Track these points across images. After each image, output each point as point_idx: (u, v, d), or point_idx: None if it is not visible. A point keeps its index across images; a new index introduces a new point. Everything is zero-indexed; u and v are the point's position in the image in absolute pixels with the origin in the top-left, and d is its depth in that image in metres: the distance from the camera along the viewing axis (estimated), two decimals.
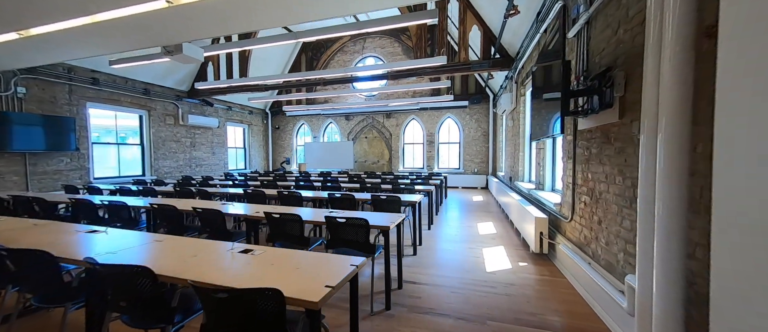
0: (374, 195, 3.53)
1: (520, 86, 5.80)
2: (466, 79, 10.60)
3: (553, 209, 3.45)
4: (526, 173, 5.74)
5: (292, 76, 6.92)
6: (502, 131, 8.95)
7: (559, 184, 4.05)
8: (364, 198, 3.66)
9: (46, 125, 6.01)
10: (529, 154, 5.64)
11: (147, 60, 5.64)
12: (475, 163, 10.77)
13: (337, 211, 2.79)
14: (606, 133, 2.22)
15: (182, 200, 3.56)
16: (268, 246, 1.75)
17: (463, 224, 5.09)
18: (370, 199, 3.56)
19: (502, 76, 7.92)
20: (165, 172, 8.64)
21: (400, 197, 3.52)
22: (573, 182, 2.87)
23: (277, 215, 2.44)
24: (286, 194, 3.87)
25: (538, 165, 4.51)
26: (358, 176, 7.73)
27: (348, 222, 2.25)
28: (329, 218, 2.31)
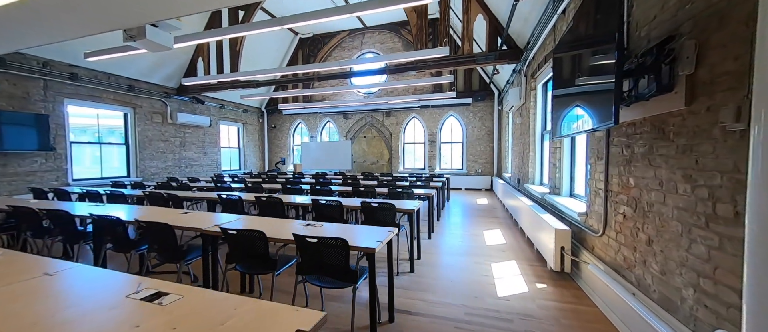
0: (365, 202, 3.01)
1: (531, 79, 5.26)
2: (470, 75, 10.06)
3: (576, 220, 2.92)
4: (536, 175, 5.20)
5: (285, 71, 6.43)
6: (508, 130, 8.41)
7: (579, 189, 3.51)
8: (353, 206, 3.15)
9: (16, 122, 5.57)
10: (541, 154, 5.11)
11: (123, 52, 5.21)
12: (479, 163, 10.22)
13: (314, 226, 2.28)
14: (660, 126, 1.69)
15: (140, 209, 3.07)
16: (195, 287, 1.24)
17: (467, 232, 4.57)
18: (361, 206, 3.05)
19: (508, 71, 7.38)
20: (152, 173, 8.19)
21: (395, 204, 3.01)
22: (606, 189, 2.34)
23: (234, 231, 1.93)
24: (265, 199, 3.37)
25: (552, 167, 3.98)
26: (354, 177, 7.22)
27: (321, 242, 1.74)
28: (299, 236, 1.79)
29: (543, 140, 5.06)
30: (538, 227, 3.42)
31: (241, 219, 2.36)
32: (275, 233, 2.01)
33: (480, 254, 3.57)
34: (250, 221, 2.32)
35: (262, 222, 2.31)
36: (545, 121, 5.02)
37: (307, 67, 6.38)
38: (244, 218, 2.45)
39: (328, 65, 6.09)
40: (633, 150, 1.99)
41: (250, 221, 2.34)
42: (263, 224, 2.26)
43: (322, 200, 3.14)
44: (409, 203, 3.25)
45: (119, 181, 6.17)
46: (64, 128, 6.43)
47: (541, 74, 4.80)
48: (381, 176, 7.72)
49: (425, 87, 10.48)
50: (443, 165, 10.86)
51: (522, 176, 5.91)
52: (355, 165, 11.64)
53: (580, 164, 3.50)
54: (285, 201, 3.41)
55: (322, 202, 3.14)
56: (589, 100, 1.91)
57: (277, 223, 2.33)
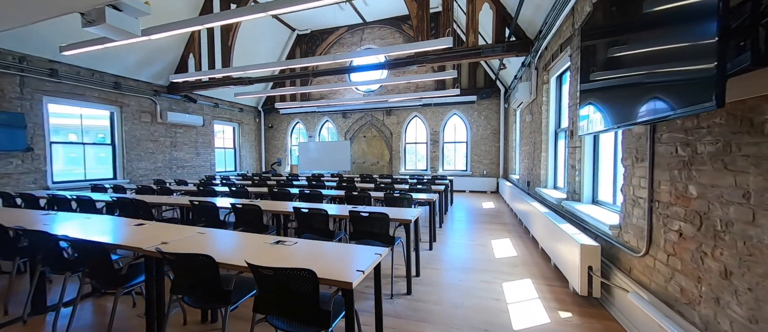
0: (354, 212, 2.56)
1: (542, 71, 4.78)
2: (474, 71, 9.58)
3: (605, 234, 2.44)
4: (549, 178, 4.72)
5: (280, 66, 6.00)
6: (515, 129, 7.92)
7: (605, 195, 3.03)
8: (341, 215, 2.70)
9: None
10: (554, 154, 4.62)
11: (100, 44, 4.83)
12: (484, 164, 9.73)
13: (284, 244, 1.84)
14: (748, 115, 1.22)
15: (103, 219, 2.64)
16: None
17: (473, 242, 4.10)
18: (349, 216, 2.60)
19: (516, 66, 6.90)
20: (140, 175, 7.82)
21: (389, 213, 2.56)
22: (650, 198, 1.86)
23: (172, 256, 1.49)
24: (241, 207, 2.94)
25: (570, 169, 3.50)
26: (351, 179, 6.78)
27: (281, 274, 1.30)
28: (253, 266, 1.35)
29: (557, 138, 4.57)
30: (556, 239, 2.95)
31: (192, 237, 1.92)
32: (228, 256, 1.57)
33: (488, 269, 3.10)
34: (201, 240, 1.88)
35: (217, 240, 1.87)
36: (559, 117, 4.54)
37: (302, 62, 5.95)
38: (198, 234, 2.00)
39: (324, 59, 5.65)
40: (694, 150, 1.51)
41: (203, 239, 1.90)
42: (219, 243, 1.82)
43: (304, 209, 2.70)
44: (408, 211, 2.80)
45: (100, 184, 5.78)
46: (43, 128, 6.06)
47: (555, 66, 4.32)
48: (380, 178, 7.27)
49: (427, 84, 10.03)
50: (446, 166, 10.38)
51: (532, 179, 5.43)
52: (355, 166, 11.20)
53: (606, 167, 3.02)
54: (266, 209, 2.97)
55: (304, 211, 2.70)
56: (658, 78, 1.41)
57: (239, 240, 1.89)
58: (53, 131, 6.35)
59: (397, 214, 2.68)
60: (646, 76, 1.49)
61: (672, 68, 1.27)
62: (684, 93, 1.19)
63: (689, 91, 1.15)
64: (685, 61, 1.18)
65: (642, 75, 1.53)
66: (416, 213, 2.73)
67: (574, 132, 3.41)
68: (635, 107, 1.55)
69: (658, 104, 1.36)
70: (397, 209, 2.99)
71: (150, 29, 4.36)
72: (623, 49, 1.73)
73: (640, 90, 1.52)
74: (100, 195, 4.32)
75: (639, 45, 1.56)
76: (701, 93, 1.05)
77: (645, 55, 1.50)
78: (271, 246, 1.77)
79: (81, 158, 6.87)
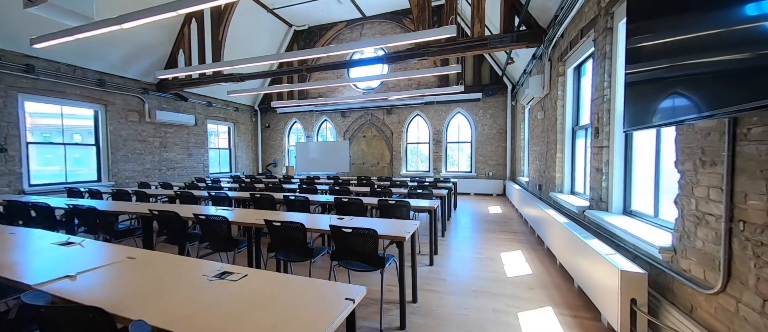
0: (335, 227, 2.08)
1: (557, 63, 4.27)
2: (479, 67, 9.06)
3: (653, 257, 1.93)
4: (565, 182, 4.20)
5: (272, 59, 5.55)
6: (523, 128, 7.39)
7: (641, 204, 2.52)
8: (319, 230, 2.23)
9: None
10: (572, 155, 4.11)
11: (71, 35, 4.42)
12: (490, 166, 9.20)
13: (230, 279, 1.36)
14: None
15: None
16: None
17: (480, 255, 3.60)
18: (330, 230, 2.12)
19: (525, 59, 6.38)
20: (127, 176, 7.43)
21: (381, 227, 2.08)
22: (730, 216, 1.36)
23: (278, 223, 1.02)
24: (204, 218, 2.48)
25: (595, 172, 2.99)
26: (347, 182, 6.31)
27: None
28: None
29: (574, 137, 4.06)
30: (581, 256, 2.45)
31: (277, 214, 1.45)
32: None
33: (500, 292, 2.60)
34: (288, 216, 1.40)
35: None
36: (578, 113, 4.02)
37: (298, 54, 5.50)
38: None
39: (319, 51, 5.20)
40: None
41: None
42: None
43: (276, 223, 2.22)
44: (403, 225, 2.31)
45: (76, 187, 5.38)
46: (18, 127, 5.69)
47: (573, 55, 3.81)
48: (378, 180, 6.80)
49: (430, 81, 9.53)
50: (450, 168, 9.87)
51: (545, 182, 4.91)
52: (354, 167, 10.74)
53: (644, 171, 2.51)
54: (236, 220, 2.51)
55: (277, 224, 2.23)
56: None
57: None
58: (31, 131, 5.99)
59: (390, 228, 2.20)
60: (745, 52, 0.99)
61: None
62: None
63: None
64: None
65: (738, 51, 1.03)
66: (413, 227, 2.25)
67: (599, 130, 2.91)
68: (715, 92, 1.05)
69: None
70: (391, 221, 2.51)
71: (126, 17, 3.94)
72: (702, 21, 1.23)
73: (727, 72, 1.02)
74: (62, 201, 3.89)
75: (730, 15, 1.06)
76: None
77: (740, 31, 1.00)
78: (200, 286, 1.28)
79: (61, 159, 6.50)
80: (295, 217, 2.60)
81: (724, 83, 1.10)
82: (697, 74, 1.24)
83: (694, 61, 1.26)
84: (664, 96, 1.42)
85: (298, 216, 2.66)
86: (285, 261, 2.33)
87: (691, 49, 1.27)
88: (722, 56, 1.11)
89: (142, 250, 1.73)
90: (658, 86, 1.48)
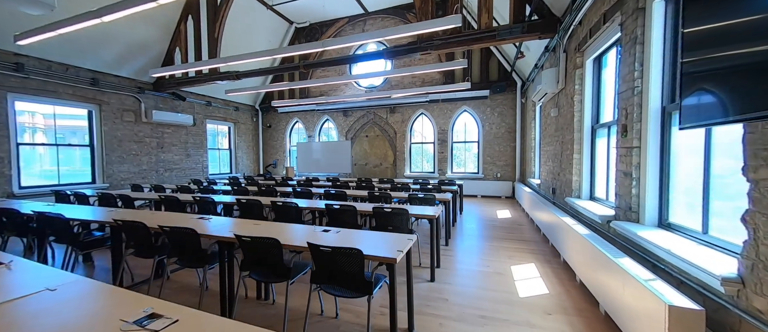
0: (313, 246, 1.74)
1: (575, 54, 3.85)
2: (487, 62, 8.62)
3: (715, 290, 1.54)
4: (583, 186, 3.78)
5: (269, 54, 5.24)
6: (534, 126, 6.95)
7: (683, 217, 2.12)
8: (297, 246, 1.90)
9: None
10: (591, 156, 3.69)
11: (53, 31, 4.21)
12: (498, 166, 8.76)
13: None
14: None
15: None
16: None
17: (488, 268, 3.22)
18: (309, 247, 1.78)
19: (537, 52, 5.95)
20: (122, 178, 7.25)
21: (369, 245, 1.73)
22: None
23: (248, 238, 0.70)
24: (170, 229, 2.17)
25: (622, 177, 2.59)
26: (345, 185, 5.99)
27: None
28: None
29: (594, 136, 3.64)
30: (608, 276, 2.06)
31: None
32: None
33: (513, 319, 2.23)
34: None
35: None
36: (598, 110, 3.61)
37: (297, 49, 5.19)
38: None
39: (318, 45, 4.89)
40: None
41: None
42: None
43: (246, 238, 1.90)
44: (396, 240, 1.96)
45: (63, 190, 5.17)
46: (7, 128, 5.52)
47: (593, 44, 3.39)
48: (380, 182, 6.45)
49: (434, 78, 9.14)
50: (456, 168, 9.46)
51: (560, 186, 4.49)
52: (356, 168, 10.42)
53: (685, 176, 2.11)
54: (205, 233, 2.20)
55: (247, 239, 1.90)
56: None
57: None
58: (21, 132, 5.83)
59: (381, 245, 1.85)
60: None
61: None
62: None
63: None
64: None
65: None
66: (408, 244, 1.89)
67: (627, 127, 2.51)
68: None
69: None
70: (384, 236, 2.16)
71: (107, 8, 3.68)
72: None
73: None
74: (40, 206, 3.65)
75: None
76: None
77: None
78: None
79: (54, 160, 6.33)
80: (275, 229, 2.27)
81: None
82: None
83: None
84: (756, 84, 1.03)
85: (280, 228, 2.33)
86: (259, 281, 2.00)
87: None
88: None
89: (71, 276, 1.41)
90: (745, 73, 1.09)
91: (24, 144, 5.87)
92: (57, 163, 6.36)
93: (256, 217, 3.47)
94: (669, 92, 2.21)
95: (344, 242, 1.94)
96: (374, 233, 2.19)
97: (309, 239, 1.86)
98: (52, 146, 6.32)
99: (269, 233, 1.93)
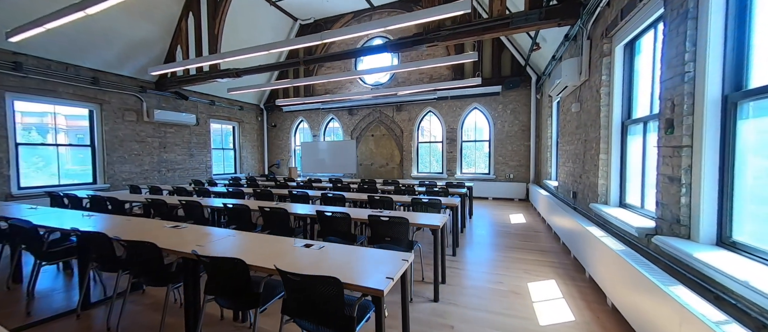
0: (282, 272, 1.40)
1: (602, 40, 3.39)
2: (499, 57, 8.12)
3: None
4: (612, 191, 3.31)
5: (270, 48, 4.97)
6: (551, 124, 6.44)
7: (751, 233, 1.67)
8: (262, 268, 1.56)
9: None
10: (622, 156, 3.22)
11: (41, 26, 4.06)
12: (511, 167, 8.26)
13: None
14: None
15: None
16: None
17: (502, 286, 2.82)
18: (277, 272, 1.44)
19: (554, 44, 5.46)
20: (124, 178, 7.15)
21: (338, 279, 1.37)
22: None
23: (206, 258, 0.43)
24: (127, 243, 1.87)
25: (666, 182, 2.15)
26: (347, 187, 5.66)
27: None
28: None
29: (625, 134, 3.17)
30: (654, 302, 1.64)
31: None
32: None
33: None
34: None
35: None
36: (630, 103, 3.14)
37: (298, 42, 4.91)
38: None
39: (318, 38, 4.58)
40: None
41: None
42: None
43: (205, 258, 1.57)
44: (388, 262, 1.60)
45: (56, 192, 5.03)
46: (6, 128, 5.44)
47: (625, 27, 2.93)
48: (384, 184, 6.09)
49: (443, 74, 8.70)
50: (466, 168, 9.00)
51: (582, 189, 4.02)
52: (362, 169, 10.09)
53: (757, 182, 1.66)
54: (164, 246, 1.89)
55: (206, 260, 1.57)
56: None
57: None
58: (21, 132, 5.76)
59: (366, 268, 1.49)
60: None
61: None
62: None
63: None
64: None
65: None
66: (400, 268, 1.53)
67: (674, 122, 2.06)
68: None
69: None
70: (374, 253, 1.80)
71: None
72: None
73: None
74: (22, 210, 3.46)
75: None
76: None
77: None
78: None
79: (54, 160, 6.25)
80: (248, 244, 1.95)
81: None
82: None
83: None
84: None
85: (254, 242, 2.00)
86: (225, 307, 1.67)
87: None
88: None
89: None
90: None
91: (23, 144, 5.80)
92: (57, 163, 6.28)
93: (244, 223, 3.17)
94: (733, 76, 1.76)
95: (325, 262, 1.59)
96: (364, 251, 1.83)
97: (279, 258, 1.52)
98: (52, 146, 6.24)
99: (239, 249, 1.60)
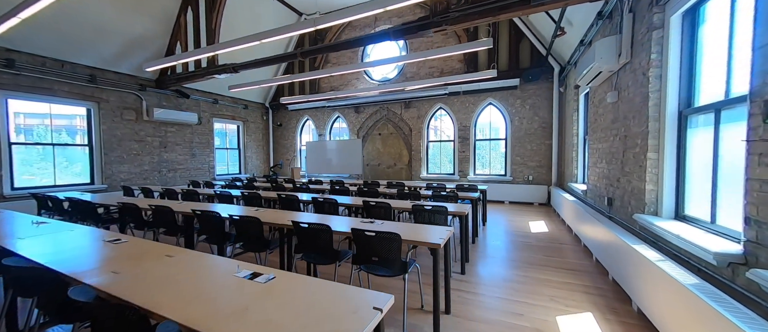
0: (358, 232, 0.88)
1: (650, 11, 2.72)
2: (517, 46, 7.40)
3: None
4: (666, 199, 2.62)
5: (267, 37, 4.57)
6: (577, 119, 5.71)
7: None
8: None
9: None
10: (678, 155, 2.54)
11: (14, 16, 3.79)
12: (530, 168, 7.52)
13: None
14: None
15: None
16: None
17: (523, 321, 2.22)
18: None
19: (582, 27, 4.75)
20: (122, 178, 6.96)
21: None
22: None
23: None
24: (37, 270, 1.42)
25: (757, 191, 1.50)
26: (346, 190, 5.15)
27: None
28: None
29: (683, 127, 2.49)
30: None
31: None
32: None
33: None
34: None
35: None
36: (690, 87, 2.46)
37: (298, 28, 4.48)
38: None
39: (306, 25, 4.12)
40: None
41: None
42: None
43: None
44: (358, 305, 1.07)
45: (41, 193, 4.80)
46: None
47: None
48: (387, 187, 5.56)
49: (454, 66, 8.06)
50: (479, 169, 8.32)
51: (621, 196, 3.33)
52: (368, 169, 9.59)
53: None
54: (72, 276, 1.44)
55: None
56: None
57: None
58: (15, 131, 5.62)
59: (336, 311, 0.97)
60: None
61: None
62: None
63: None
64: None
65: None
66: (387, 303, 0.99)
67: None
68: None
69: None
70: (347, 292, 1.27)
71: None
72: None
73: None
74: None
75: None
76: None
77: None
78: None
79: (50, 160, 6.11)
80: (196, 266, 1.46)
81: None
82: None
83: None
84: None
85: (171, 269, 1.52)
86: None
87: None
88: None
89: None
90: None
91: (17, 144, 5.66)
92: (53, 163, 6.13)
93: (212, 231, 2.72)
94: None
95: (251, 315, 1.09)
96: (328, 287, 1.31)
97: (191, 300, 1.01)
98: (48, 146, 6.10)
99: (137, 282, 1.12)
